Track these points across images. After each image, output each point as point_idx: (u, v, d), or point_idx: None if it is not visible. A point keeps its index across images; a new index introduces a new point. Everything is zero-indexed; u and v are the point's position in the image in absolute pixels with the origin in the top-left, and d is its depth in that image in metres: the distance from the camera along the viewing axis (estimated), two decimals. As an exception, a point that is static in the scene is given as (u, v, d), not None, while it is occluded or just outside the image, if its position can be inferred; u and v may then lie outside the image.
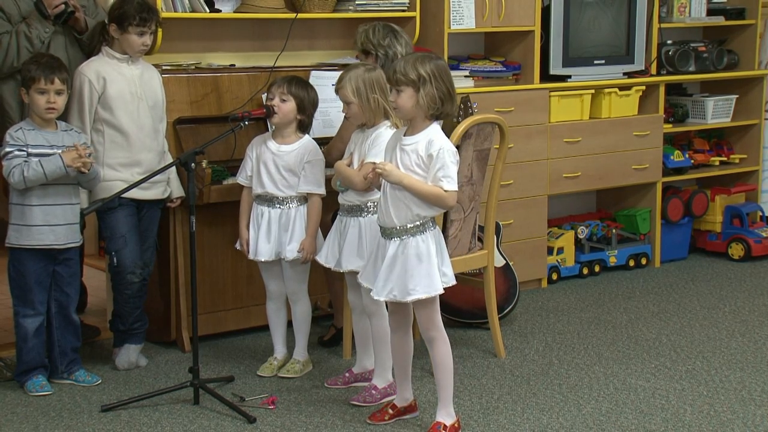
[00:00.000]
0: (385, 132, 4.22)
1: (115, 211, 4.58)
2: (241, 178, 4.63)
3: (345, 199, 4.34)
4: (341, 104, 4.42)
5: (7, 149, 4.31)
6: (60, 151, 4.30)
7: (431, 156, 3.77)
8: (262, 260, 4.56)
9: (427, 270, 3.83)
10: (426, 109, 3.78)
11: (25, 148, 4.30)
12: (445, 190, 3.77)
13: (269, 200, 4.53)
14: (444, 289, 3.88)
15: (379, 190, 4.02)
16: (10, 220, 4.39)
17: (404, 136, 3.88)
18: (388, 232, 3.88)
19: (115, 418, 4.18)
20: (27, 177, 4.26)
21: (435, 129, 3.84)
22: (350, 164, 4.29)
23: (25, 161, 4.27)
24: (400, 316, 4.03)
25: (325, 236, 4.52)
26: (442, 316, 3.97)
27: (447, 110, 3.83)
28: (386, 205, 3.86)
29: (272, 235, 4.53)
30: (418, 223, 3.82)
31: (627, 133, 6.35)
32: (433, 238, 3.87)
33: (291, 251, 4.51)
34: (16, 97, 4.49)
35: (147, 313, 4.81)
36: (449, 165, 3.78)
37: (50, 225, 4.36)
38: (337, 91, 4.34)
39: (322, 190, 4.54)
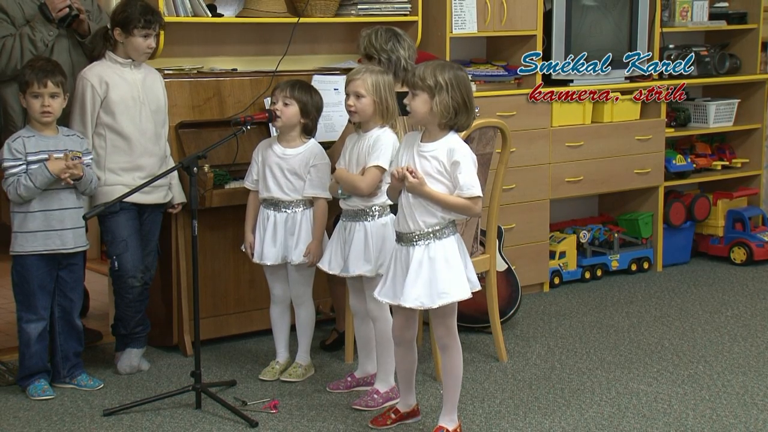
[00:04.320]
0: (383, 135, 4.20)
1: (117, 215, 4.59)
2: (247, 182, 4.63)
3: (348, 204, 4.31)
4: (343, 108, 4.40)
5: (5, 164, 4.32)
6: (47, 157, 4.30)
7: (456, 163, 3.73)
8: (268, 264, 4.57)
9: (457, 273, 3.79)
10: (439, 117, 3.74)
11: (22, 161, 4.30)
12: (474, 196, 3.74)
13: (275, 204, 4.53)
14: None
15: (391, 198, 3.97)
16: (13, 228, 4.39)
17: (421, 141, 3.83)
18: (409, 237, 3.82)
19: (117, 422, 4.18)
20: (20, 194, 4.28)
21: (455, 137, 3.80)
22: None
23: (20, 177, 4.27)
24: (406, 329, 4.00)
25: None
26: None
27: (461, 122, 3.78)
28: (410, 210, 3.81)
29: (278, 239, 4.52)
30: (441, 226, 3.79)
31: (629, 138, 6.35)
32: (457, 242, 3.84)
33: (297, 255, 4.51)
34: (20, 101, 4.48)
35: (149, 317, 4.82)
36: (473, 171, 3.76)
37: (56, 230, 4.36)
38: (350, 82, 4.24)
39: (328, 194, 4.53)
